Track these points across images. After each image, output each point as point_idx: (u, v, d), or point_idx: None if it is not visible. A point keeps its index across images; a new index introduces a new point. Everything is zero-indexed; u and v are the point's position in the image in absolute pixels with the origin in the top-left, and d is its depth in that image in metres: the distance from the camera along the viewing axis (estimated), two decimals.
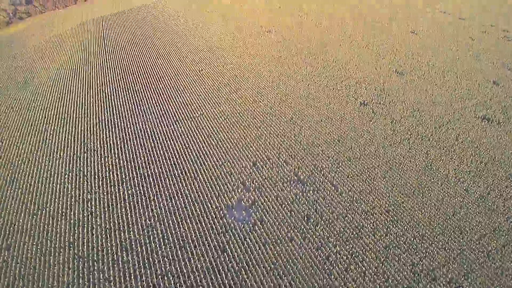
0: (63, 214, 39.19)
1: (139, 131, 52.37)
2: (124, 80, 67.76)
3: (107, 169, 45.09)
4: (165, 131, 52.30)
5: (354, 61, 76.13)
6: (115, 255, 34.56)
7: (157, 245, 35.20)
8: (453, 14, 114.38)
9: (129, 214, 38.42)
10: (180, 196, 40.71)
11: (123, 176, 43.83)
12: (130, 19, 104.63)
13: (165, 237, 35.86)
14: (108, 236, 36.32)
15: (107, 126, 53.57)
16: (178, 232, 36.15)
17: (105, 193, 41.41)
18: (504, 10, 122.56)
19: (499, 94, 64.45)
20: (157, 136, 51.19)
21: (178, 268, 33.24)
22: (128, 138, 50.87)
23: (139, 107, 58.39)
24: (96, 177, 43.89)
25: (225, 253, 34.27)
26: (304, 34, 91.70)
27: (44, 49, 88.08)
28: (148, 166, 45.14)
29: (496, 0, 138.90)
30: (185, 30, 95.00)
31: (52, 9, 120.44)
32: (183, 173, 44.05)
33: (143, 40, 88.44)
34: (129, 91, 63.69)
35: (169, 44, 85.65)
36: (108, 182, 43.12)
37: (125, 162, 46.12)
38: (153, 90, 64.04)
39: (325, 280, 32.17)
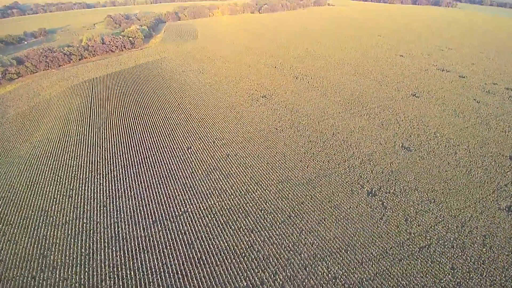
0: None
1: (109, 238, 44.42)
2: (104, 162, 61.26)
3: None
4: (139, 238, 44.36)
5: (356, 133, 70.52)
6: None
7: None
8: (452, 72, 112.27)
9: None
10: None
11: None
12: (122, 79, 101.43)
13: None
14: None
15: (73, 231, 45.67)
16: None
17: None
18: (503, 67, 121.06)
19: None
20: (129, 246, 43.11)
21: None
22: (95, 249, 42.74)
23: (114, 201, 51.13)
24: None
25: None
26: (301, 100, 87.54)
27: (26, 117, 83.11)
28: None
29: (493, 53, 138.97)
30: (176, 93, 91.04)
31: (45, 69, 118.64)
32: None
33: (133, 106, 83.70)
34: (107, 178, 56.82)
35: (156, 111, 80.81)
36: None
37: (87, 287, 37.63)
38: (134, 175, 57.23)
39: None
